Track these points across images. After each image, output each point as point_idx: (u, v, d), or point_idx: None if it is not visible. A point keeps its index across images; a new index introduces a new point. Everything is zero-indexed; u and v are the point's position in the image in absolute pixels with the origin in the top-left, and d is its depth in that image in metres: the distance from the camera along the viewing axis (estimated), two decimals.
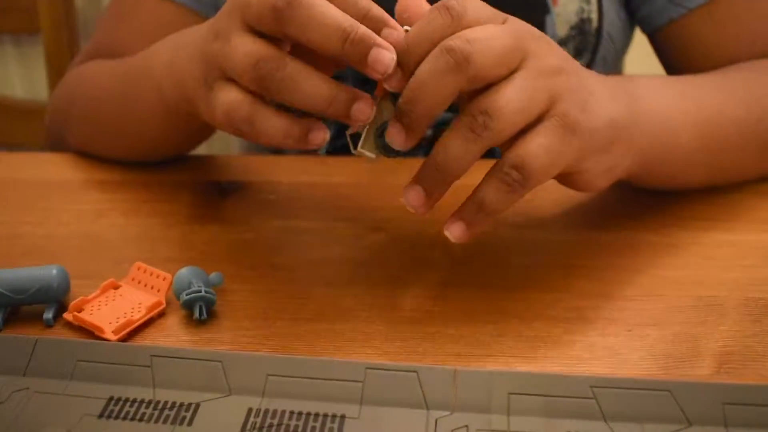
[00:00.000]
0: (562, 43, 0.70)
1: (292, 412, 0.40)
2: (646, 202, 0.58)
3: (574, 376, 0.41)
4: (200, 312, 0.47)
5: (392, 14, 0.45)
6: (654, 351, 0.45)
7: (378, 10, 0.43)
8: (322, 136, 0.45)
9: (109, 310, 0.47)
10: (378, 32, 0.43)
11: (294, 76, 0.43)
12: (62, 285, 0.48)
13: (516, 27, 0.44)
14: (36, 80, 1.31)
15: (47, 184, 0.64)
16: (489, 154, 0.44)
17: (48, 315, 0.47)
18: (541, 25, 0.69)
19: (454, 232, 0.45)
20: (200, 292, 0.47)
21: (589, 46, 0.71)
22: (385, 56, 0.42)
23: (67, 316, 0.47)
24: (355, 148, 0.45)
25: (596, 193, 0.58)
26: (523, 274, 0.51)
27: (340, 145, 0.69)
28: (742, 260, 0.52)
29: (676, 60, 0.70)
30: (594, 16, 0.70)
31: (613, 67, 0.76)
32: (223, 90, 0.45)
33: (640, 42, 0.77)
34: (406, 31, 0.44)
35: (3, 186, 0.64)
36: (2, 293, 0.47)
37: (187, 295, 0.47)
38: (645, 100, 0.53)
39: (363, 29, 0.42)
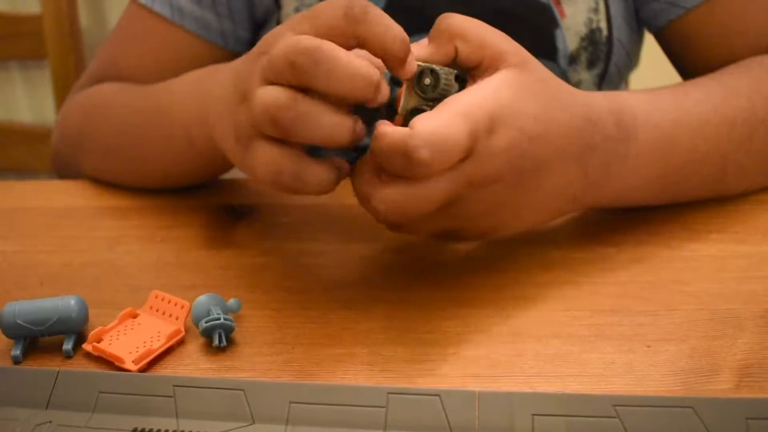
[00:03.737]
0: (575, 56, 0.70)
1: None
2: (658, 216, 0.58)
3: (597, 395, 0.42)
4: (220, 339, 0.47)
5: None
6: (673, 367, 0.45)
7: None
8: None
9: (129, 339, 0.48)
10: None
11: (308, 111, 0.43)
12: (81, 315, 0.48)
13: (472, 169, 0.46)
14: (43, 105, 1.32)
15: (60, 212, 0.64)
16: None
17: (68, 346, 0.47)
18: (551, 40, 0.69)
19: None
20: (219, 319, 0.47)
21: (602, 56, 0.70)
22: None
23: (87, 346, 0.47)
24: None
25: (608, 209, 0.58)
26: (539, 293, 0.51)
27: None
28: (757, 272, 0.52)
29: (682, 58, 0.70)
30: (603, 24, 0.69)
31: (625, 73, 0.76)
32: (258, 149, 0.46)
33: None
34: None
35: (16, 215, 0.64)
36: (21, 325, 0.47)
37: (206, 322, 0.47)
38: (615, 179, 0.53)
39: (379, 74, 0.44)
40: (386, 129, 0.44)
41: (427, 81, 0.46)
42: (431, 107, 0.46)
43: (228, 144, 0.50)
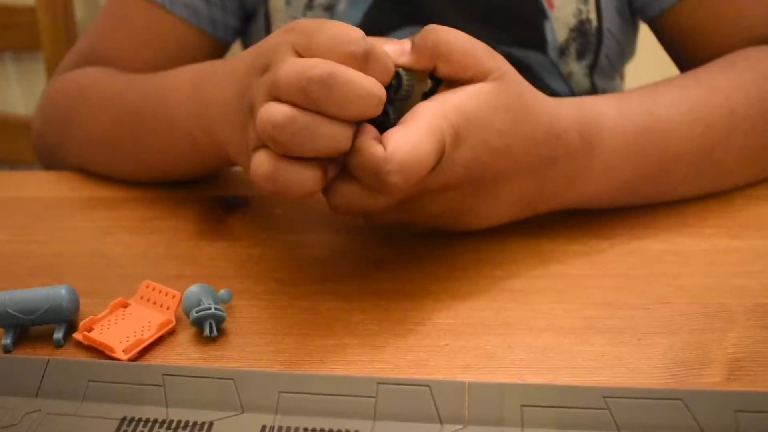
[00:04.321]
0: (564, 47, 0.70)
1: (305, 429, 0.40)
2: (651, 210, 0.58)
3: (587, 387, 0.42)
4: (210, 329, 0.47)
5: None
6: (664, 359, 0.45)
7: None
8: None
9: (119, 329, 0.47)
10: None
11: (308, 123, 0.43)
12: (72, 305, 0.48)
13: (433, 180, 0.47)
14: (37, 97, 1.31)
15: (50, 203, 0.64)
16: None
17: (58, 335, 0.47)
18: (540, 31, 0.69)
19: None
20: (210, 309, 0.47)
21: (591, 47, 0.70)
22: None
23: (77, 335, 0.47)
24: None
25: None
26: (531, 285, 0.51)
27: None
28: (749, 266, 0.52)
29: (676, 47, 0.70)
30: (593, 15, 0.69)
31: (618, 64, 0.76)
32: (259, 152, 0.46)
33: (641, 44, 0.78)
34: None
35: (6, 205, 0.64)
36: (12, 314, 0.47)
37: (197, 312, 0.47)
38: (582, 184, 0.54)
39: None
40: (363, 144, 0.44)
41: (392, 82, 0.46)
42: (388, 109, 0.46)
43: (241, 156, 0.51)
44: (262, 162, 0.44)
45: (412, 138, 0.44)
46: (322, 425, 0.40)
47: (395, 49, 0.47)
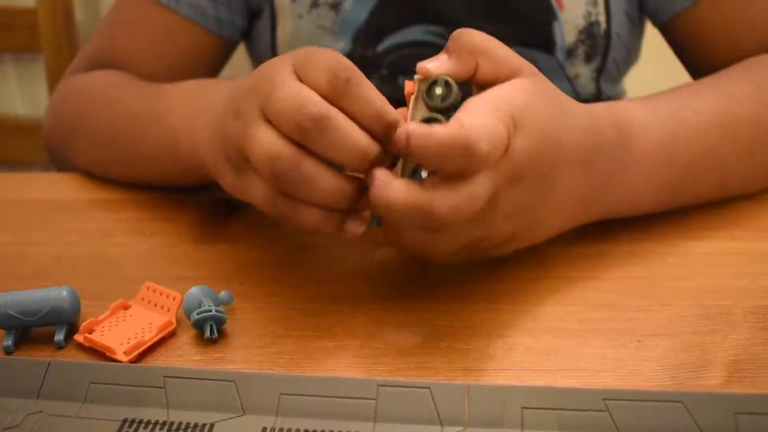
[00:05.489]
0: (572, 49, 0.70)
1: (306, 431, 0.40)
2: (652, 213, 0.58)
3: (587, 389, 0.42)
4: (211, 331, 0.47)
5: None
6: (664, 362, 0.45)
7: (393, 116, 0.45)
8: (356, 226, 0.47)
9: (120, 330, 0.48)
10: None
11: (309, 175, 0.44)
12: (73, 306, 0.48)
13: (506, 166, 0.45)
14: (37, 99, 1.32)
15: (52, 204, 0.64)
16: None
17: (59, 337, 0.47)
18: (548, 32, 0.69)
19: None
20: (211, 311, 0.47)
21: (599, 50, 0.70)
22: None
23: (78, 337, 0.47)
24: None
25: None
26: (531, 287, 0.51)
27: None
28: (749, 268, 0.52)
29: (687, 51, 0.70)
30: (602, 18, 0.69)
31: (624, 69, 0.76)
32: (254, 182, 0.47)
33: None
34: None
35: (7, 207, 0.64)
36: (13, 316, 0.47)
37: (197, 314, 0.47)
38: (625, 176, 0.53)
39: (378, 149, 0.45)
40: (428, 128, 0.42)
41: (439, 91, 0.46)
42: (440, 119, 0.45)
43: (214, 159, 0.51)
44: (266, 194, 0.46)
45: (480, 119, 0.43)
46: (323, 427, 0.41)
47: (435, 65, 0.47)
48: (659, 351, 0.46)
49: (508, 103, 0.46)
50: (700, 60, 0.68)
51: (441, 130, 0.42)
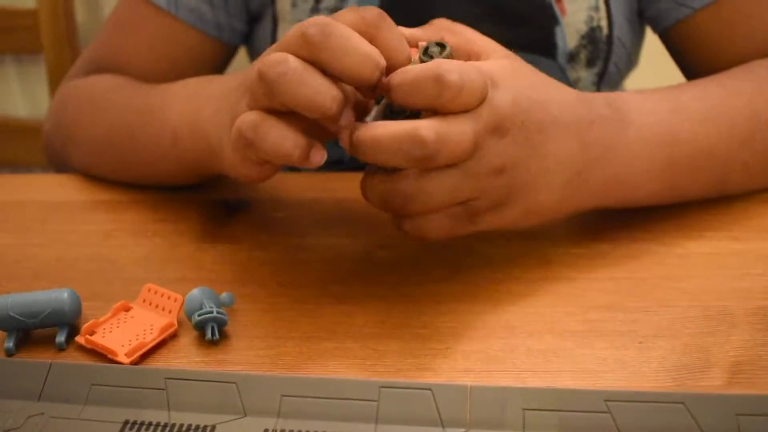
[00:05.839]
0: (574, 54, 0.70)
1: None
2: (653, 213, 0.58)
3: (588, 390, 0.42)
4: (212, 333, 0.47)
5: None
6: (665, 363, 0.45)
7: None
8: (321, 155, 0.46)
9: (121, 332, 0.48)
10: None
11: (306, 76, 0.44)
12: (74, 308, 0.48)
13: (488, 114, 0.46)
14: (38, 100, 1.32)
15: (53, 206, 0.64)
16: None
17: (60, 338, 0.47)
18: (550, 36, 0.69)
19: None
20: (212, 312, 0.47)
21: (601, 54, 0.70)
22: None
23: (80, 339, 0.47)
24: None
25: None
26: (532, 288, 0.51)
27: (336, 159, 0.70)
28: (751, 269, 0.52)
29: (687, 58, 0.70)
30: (603, 23, 0.69)
31: (624, 73, 0.76)
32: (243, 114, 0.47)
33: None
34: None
35: (8, 208, 0.64)
36: (14, 317, 0.47)
37: (199, 315, 0.47)
38: (619, 154, 0.53)
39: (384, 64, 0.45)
40: (406, 67, 0.45)
41: (435, 50, 0.48)
42: None
43: (219, 130, 0.51)
44: (247, 115, 0.46)
45: (456, 62, 0.45)
46: (324, 429, 0.41)
47: (410, 32, 0.50)
48: (660, 352, 0.46)
49: (486, 66, 0.48)
50: (699, 67, 0.68)
51: (415, 67, 0.44)
